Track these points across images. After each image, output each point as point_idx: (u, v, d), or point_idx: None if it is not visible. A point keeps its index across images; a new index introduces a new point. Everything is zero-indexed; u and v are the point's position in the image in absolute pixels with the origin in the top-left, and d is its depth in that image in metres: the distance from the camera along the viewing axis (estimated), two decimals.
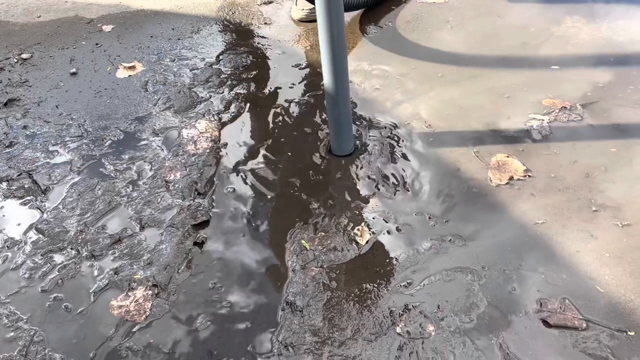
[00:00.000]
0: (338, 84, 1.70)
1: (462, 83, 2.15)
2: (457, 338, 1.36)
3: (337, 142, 1.86)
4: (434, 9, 2.61)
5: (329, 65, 1.66)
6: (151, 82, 2.23)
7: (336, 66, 1.66)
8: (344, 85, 1.71)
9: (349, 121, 1.82)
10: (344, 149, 1.87)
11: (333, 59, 1.64)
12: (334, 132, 1.83)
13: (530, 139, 1.89)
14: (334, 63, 1.65)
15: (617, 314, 1.40)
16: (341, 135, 1.83)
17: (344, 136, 1.84)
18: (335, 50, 1.62)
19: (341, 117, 1.78)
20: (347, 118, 1.80)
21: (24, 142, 1.96)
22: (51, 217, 1.70)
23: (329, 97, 1.74)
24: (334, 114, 1.78)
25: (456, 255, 1.55)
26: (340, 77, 1.69)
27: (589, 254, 1.53)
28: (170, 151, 1.90)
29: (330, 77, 1.69)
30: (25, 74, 2.28)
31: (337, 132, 1.83)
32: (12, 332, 1.42)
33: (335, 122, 1.81)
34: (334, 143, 1.87)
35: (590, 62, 2.21)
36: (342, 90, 1.72)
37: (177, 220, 1.67)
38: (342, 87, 1.71)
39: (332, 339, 1.38)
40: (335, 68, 1.67)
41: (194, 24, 2.58)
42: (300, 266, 1.54)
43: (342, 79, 1.70)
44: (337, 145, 1.86)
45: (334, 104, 1.75)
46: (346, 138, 1.85)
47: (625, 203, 1.66)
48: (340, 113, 1.77)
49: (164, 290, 1.50)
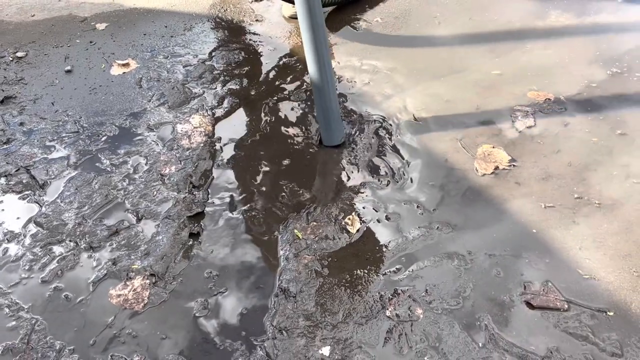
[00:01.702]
0: (322, 74, 1.75)
1: (449, 77, 2.21)
2: (445, 320, 1.42)
3: (326, 133, 1.91)
4: (422, 5, 2.67)
5: (312, 56, 1.72)
6: (145, 78, 2.27)
7: (319, 56, 1.71)
8: (328, 75, 1.76)
9: (337, 111, 1.87)
10: (334, 140, 1.92)
11: (315, 49, 1.69)
12: (323, 123, 1.89)
13: (515, 130, 1.95)
14: (316, 53, 1.70)
15: (598, 296, 1.46)
16: (330, 125, 1.88)
17: (332, 127, 1.89)
18: (316, 40, 1.67)
19: (328, 107, 1.83)
20: (333, 109, 1.85)
21: (21, 138, 1.99)
22: (49, 211, 1.74)
23: (315, 88, 1.80)
24: (321, 105, 1.83)
25: (443, 242, 1.61)
26: (323, 68, 1.74)
27: (571, 239, 1.59)
28: (165, 145, 1.95)
29: (314, 67, 1.74)
30: (20, 72, 2.32)
31: (326, 123, 1.88)
32: (14, 321, 1.46)
33: (322, 113, 1.86)
34: (323, 134, 1.92)
35: (573, 56, 2.27)
36: (326, 80, 1.77)
37: (173, 212, 1.72)
38: (326, 77, 1.76)
39: (324, 323, 1.43)
40: (318, 58, 1.72)
41: (187, 21, 2.62)
42: (293, 254, 1.59)
43: (325, 69, 1.75)
44: (327, 136, 1.91)
45: (319, 94, 1.80)
46: (335, 128, 1.90)
47: (606, 190, 1.72)
48: (327, 103, 1.82)
49: (161, 279, 1.55)
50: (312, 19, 1.64)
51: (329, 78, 1.78)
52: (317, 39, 1.68)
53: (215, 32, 2.56)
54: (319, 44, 1.69)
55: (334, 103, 1.84)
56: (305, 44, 1.71)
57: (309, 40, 1.69)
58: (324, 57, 1.73)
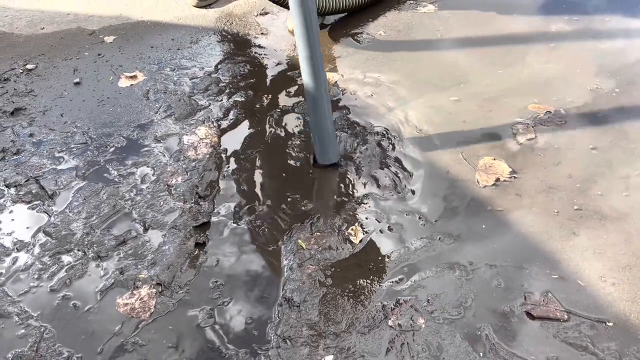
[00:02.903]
0: (317, 91, 1.75)
1: (451, 89, 2.24)
2: (446, 330, 1.44)
3: (321, 151, 1.89)
4: (425, 19, 2.71)
5: (308, 74, 1.72)
6: (152, 90, 2.31)
7: (314, 74, 1.71)
8: (323, 92, 1.76)
9: (332, 131, 1.86)
10: (329, 157, 1.91)
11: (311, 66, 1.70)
12: (318, 141, 1.87)
13: (516, 142, 1.98)
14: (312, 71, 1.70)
15: (597, 306, 1.48)
16: (324, 143, 1.87)
17: (327, 145, 1.87)
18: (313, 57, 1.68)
19: (323, 127, 1.82)
20: (328, 129, 1.83)
21: (30, 149, 2.03)
22: (58, 221, 1.77)
23: (310, 107, 1.80)
24: (316, 124, 1.82)
25: (445, 253, 1.63)
26: (318, 85, 1.74)
27: (571, 250, 1.61)
28: (172, 157, 1.98)
29: (310, 83, 1.74)
30: (30, 84, 2.36)
31: (321, 141, 1.87)
32: (24, 329, 1.49)
33: (317, 132, 1.85)
34: (318, 151, 1.90)
35: (575, 69, 2.30)
36: (321, 95, 1.76)
37: (179, 222, 1.75)
38: (321, 94, 1.76)
39: (327, 332, 1.45)
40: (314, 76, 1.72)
41: (193, 34, 2.67)
42: (297, 264, 1.62)
43: (321, 86, 1.74)
44: (322, 153, 1.90)
45: (315, 113, 1.80)
46: (330, 146, 1.88)
47: (606, 202, 1.75)
48: (321, 124, 1.81)
49: (167, 288, 1.57)
50: (309, 36, 1.64)
51: (325, 102, 1.78)
52: (314, 55, 1.68)
53: (221, 45, 2.60)
54: (315, 60, 1.69)
55: (329, 121, 1.83)
56: (301, 62, 1.71)
57: (305, 57, 1.69)
58: (320, 76, 1.72)
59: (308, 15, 1.61)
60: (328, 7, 2.55)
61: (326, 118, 1.82)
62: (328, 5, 2.55)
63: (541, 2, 2.78)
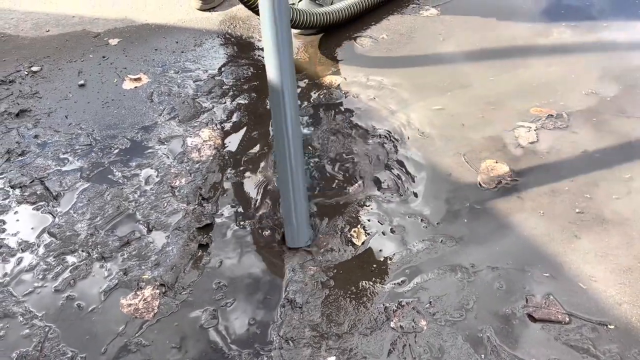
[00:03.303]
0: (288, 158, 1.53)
1: (453, 92, 2.25)
2: (448, 332, 1.45)
3: (289, 231, 1.66)
4: (427, 23, 2.72)
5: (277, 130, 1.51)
6: (156, 93, 2.33)
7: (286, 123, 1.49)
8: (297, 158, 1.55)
9: (305, 209, 1.65)
10: (298, 241, 1.68)
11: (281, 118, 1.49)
12: (287, 219, 1.65)
13: (518, 145, 1.99)
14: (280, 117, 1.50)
15: (599, 309, 1.48)
16: (292, 223, 1.64)
17: (297, 224, 1.65)
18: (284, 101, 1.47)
19: (293, 204, 1.60)
20: (301, 207, 1.62)
21: (35, 150, 2.05)
22: (63, 222, 1.78)
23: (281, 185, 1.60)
24: (286, 199, 1.61)
25: (447, 255, 1.64)
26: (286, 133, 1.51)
27: (572, 253, 1.62)
28: (176, 158, 2.00)
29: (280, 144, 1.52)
30: (35, 86, 2.38)
31: (288, 219, 1.64)
32: (28, 329, 1.50)
33: (287, 209, 1.62)
34: (286, 231, 1.67)
35: (577, 73, 2.31)
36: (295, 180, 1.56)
37: (183, 224, 1.76)
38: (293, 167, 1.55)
39: (330, 334, 1.46)
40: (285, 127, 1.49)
41: (197, 37, 2.69)
42: (299, 266, 1.63)
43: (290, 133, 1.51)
44: (290, 234, 1.67)
45: (285, 191, 1.60)
46: (301, 226, 1.66)
47: (608, 205, 1.75)
48: (292, 201, 1.60)
49: (170, 289, 1.58)
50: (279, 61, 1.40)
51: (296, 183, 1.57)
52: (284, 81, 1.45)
53: (225, 48, 2.62)
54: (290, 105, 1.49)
55: (303, 199, 1.61)
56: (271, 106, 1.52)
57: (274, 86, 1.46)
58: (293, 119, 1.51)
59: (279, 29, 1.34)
60: (306, 21, 2.41)
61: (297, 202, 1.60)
62: (306, 19, 2.39)
63: (543, 6, 2.79)
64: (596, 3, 2.78)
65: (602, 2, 2.78)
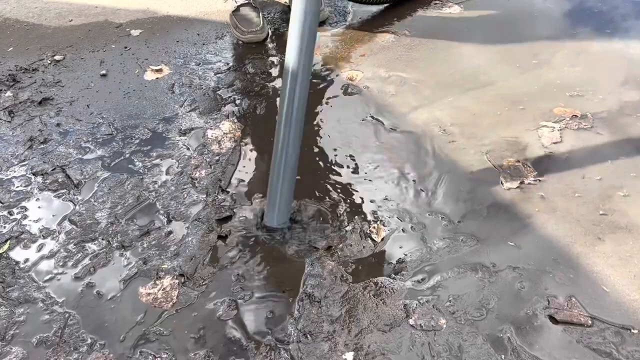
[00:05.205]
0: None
1: (475, 91, 2.23)
2: (468, 331, 1.43)
3: (269, 210, 1.70)
4: (450, 20, 2.70)
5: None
6: (177, 84, 2.33)
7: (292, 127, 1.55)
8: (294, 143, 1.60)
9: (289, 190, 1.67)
10: (278, 220, 1.72)
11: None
12: (270, 198, 1.69)
13: (541, 145, 1.96)
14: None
15: (622, 312, 1.46)
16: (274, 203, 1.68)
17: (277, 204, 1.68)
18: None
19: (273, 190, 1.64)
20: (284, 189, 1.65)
21: (57, 138, 2.06)
22: (83, 210, 1.79)
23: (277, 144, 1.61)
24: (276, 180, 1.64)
25: (468, 254, 1.62)
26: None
27: (596, 256, 1.60)
28: (196, 150, 2.00)
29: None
30: (58, 75, 2.40)
31: (272, 198, 1.68)
32: (48, 315, 1.51)
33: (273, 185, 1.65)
34: (266, 210, 1.72)
35: (602, 75, 2.27)
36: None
37: (202, 215, 1.76)
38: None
39: (348, 329, 1.45)
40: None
41: (219, 30, 2.69)
42: (318, 260, 1.62)
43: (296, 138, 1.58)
44: (270, 215, 1.71)
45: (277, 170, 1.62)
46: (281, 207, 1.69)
47: (632, 208, 1.72)
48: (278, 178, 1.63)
49: (189, 279, 1.59)
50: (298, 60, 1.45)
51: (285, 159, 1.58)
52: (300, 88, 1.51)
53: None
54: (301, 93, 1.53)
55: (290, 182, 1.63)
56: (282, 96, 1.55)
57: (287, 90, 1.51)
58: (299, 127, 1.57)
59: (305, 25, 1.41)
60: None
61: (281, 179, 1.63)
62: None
63: (568, 7, 2.76)
64: (621, 6, 2.74)
65: (627, 6, 2.74)
